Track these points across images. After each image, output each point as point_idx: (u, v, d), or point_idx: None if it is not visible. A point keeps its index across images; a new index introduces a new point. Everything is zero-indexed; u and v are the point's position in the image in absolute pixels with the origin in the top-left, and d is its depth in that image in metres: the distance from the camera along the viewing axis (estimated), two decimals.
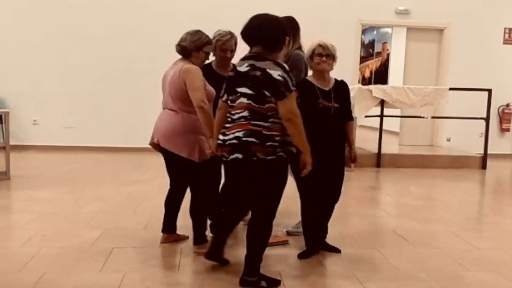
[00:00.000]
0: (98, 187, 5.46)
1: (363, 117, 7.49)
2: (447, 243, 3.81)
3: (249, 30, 2.79)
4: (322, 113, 3.26)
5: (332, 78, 3.42)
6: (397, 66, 10.75)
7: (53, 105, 8.46)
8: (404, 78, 9.13)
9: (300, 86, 3.06)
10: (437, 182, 6.59)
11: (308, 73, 3.68)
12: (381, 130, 7.62)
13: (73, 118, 8.48)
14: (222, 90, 2.90)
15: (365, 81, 14.02)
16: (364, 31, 12.26)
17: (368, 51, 14.18)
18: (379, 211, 4.88)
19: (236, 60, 2.93)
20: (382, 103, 7.46)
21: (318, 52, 3.29)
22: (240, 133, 2.70)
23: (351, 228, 4.16)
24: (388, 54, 12.84)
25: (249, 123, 2.70)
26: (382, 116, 7.56)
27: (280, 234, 3.81)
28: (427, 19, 8.89)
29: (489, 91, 7.65)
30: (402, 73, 9.22)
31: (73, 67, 8.42)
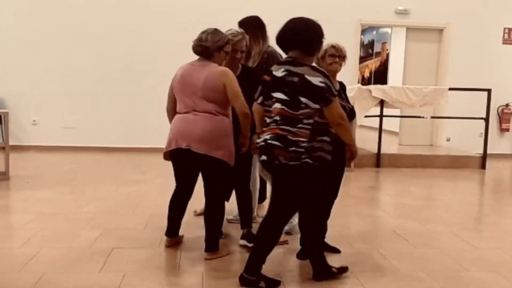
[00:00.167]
0: (98, 187, 5.46)
1: (363, 117, 7.49)
2: (447, 243, 3.81)
3: (284, 33, 2.80)
4: None
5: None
6: (397, 66, 10.75)
7: (53, 105, 8.46)
8: (404, 78, 9.12)
9: None
10: (437, 182, 6.59)
11: None
12: (381, 130, 7.62)
13: (73, 118, 8.48)
14: (257, 93, 2.95)
15: (365, 81, 14.02)
16: (364, 31, 12.26)
17: (368, 51, 14.18)
18: (379, 211, 4.88)
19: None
20: (382, 103, 7.46)
21: (331, 53, 3.29)
22: (268, 136, 2.76)
23: (351, 228, 4.16)
24: (388, 54, 12.84)
25: (278, 127, 2.74)
26: (382, 116, 7.57)
27: None
28: (427, 19, 8.89)
29: (489, 91, 7.65)
30: (402, 73, 9.22)
31: (73, 67, 8.42)
